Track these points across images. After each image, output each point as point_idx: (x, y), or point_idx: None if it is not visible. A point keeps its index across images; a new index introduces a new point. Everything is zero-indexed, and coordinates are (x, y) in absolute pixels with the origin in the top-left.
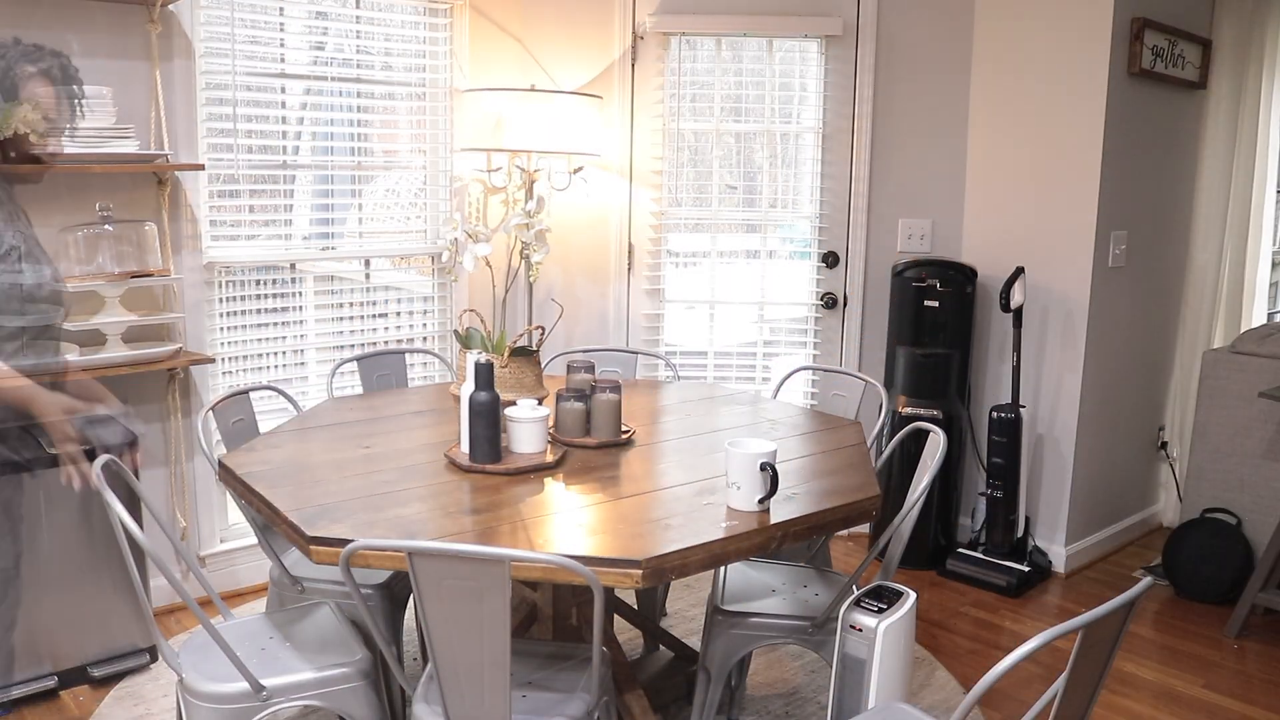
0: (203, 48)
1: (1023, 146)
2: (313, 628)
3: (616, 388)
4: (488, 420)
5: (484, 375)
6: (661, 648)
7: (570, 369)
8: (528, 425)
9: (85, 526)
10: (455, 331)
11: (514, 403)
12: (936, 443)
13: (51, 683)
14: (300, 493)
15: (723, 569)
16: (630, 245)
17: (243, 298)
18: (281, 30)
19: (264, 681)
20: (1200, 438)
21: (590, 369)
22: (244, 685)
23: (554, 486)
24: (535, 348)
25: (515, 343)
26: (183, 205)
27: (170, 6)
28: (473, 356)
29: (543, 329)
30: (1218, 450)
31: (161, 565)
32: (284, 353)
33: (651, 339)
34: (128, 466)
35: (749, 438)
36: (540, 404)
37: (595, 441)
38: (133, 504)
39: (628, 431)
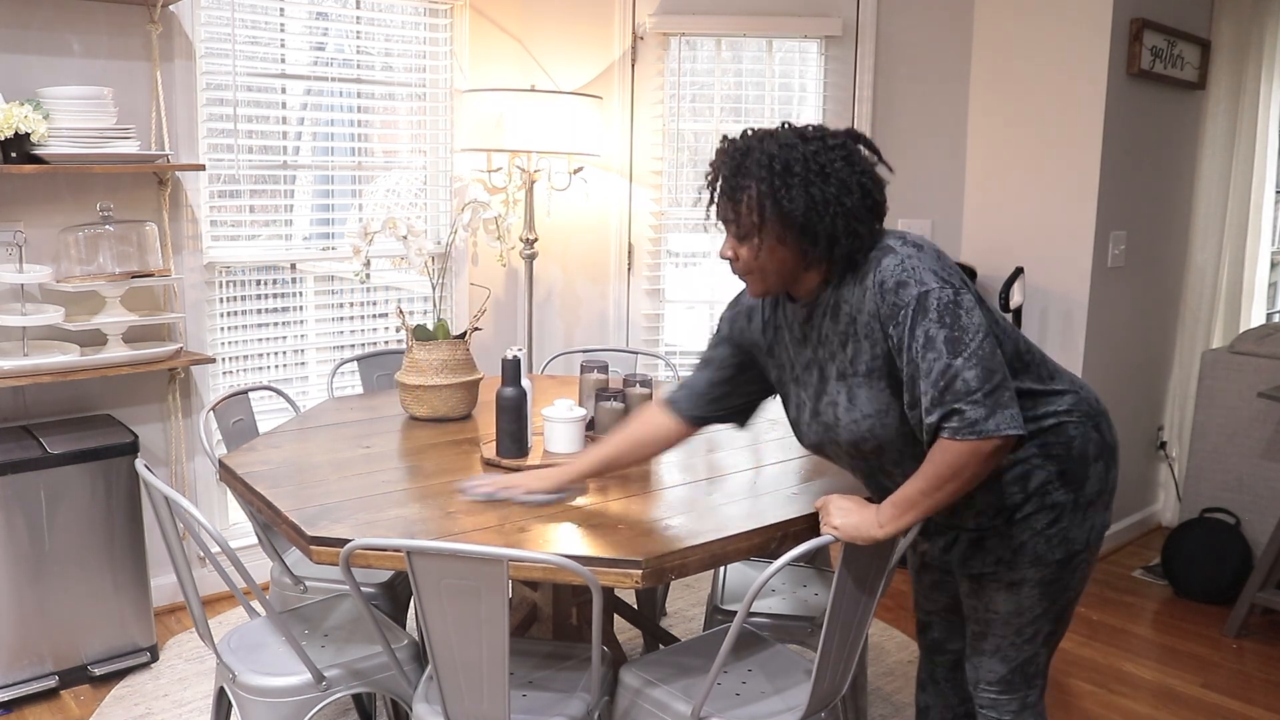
0: (203, 48)
1: (1022, 147)
2: (339, 620)
3: (648, 382)
4: (511, 416)
5: (511, 371)
6: (661, 647)
7: (584, 369)
8: (561, 425)
9: (86, 526)
10: (411, 327)
11: (552, 404)
12: None
13: (52, 682)
14: (301, 492)
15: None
16: (630, 245)
17: (243, 298)
18: (282, 30)
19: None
20: (1199, 438)
21: (604, 369)
22: (301, 678)
23: None
24: (464, 334)
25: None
26: (183, 205)
27: (171, 7)
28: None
29: (480, 316)
30: (1216, 450)
31: (221, 558)
32: (284, 353)
33: (651, 339)
34: None
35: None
36: (576, 405)
37: None
38: (133, 504)
39: None
